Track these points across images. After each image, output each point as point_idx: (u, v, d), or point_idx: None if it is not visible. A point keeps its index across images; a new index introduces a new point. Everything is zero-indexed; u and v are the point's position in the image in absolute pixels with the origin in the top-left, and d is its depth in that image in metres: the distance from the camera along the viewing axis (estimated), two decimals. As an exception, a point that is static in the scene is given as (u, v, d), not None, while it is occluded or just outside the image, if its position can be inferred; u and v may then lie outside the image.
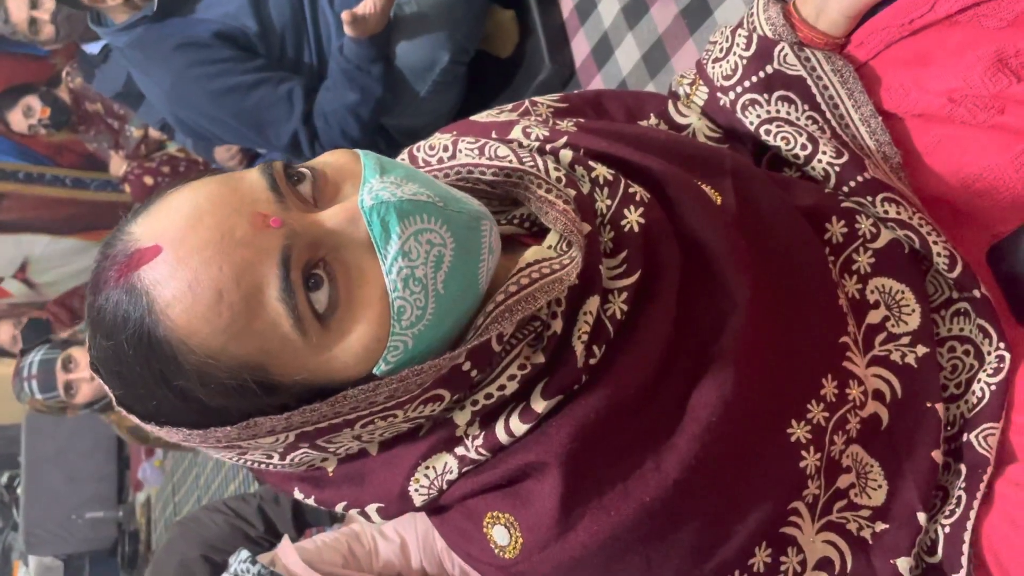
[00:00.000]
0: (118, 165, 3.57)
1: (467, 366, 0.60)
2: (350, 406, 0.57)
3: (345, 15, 1.69)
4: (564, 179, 0.69)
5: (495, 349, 0.61)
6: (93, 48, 2.88)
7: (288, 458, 0.62)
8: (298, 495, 0.68)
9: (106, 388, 0.57)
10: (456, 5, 1.80)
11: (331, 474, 0.66)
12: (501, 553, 0.64)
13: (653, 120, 0.86)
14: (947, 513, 0.71)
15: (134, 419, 0.57)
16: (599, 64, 1.72)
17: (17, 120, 3.52)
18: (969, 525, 0.69)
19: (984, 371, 0.74)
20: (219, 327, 0.52)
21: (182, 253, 0.52)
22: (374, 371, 0.57)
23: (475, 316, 0.61)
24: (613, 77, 1.68)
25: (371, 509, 0.66)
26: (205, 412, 0.56)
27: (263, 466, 0.64)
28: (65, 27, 2.68)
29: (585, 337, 0.63)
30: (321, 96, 1.87)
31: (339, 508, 0.67)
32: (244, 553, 1.37)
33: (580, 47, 1.78)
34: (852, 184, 0.77)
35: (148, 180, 3.39)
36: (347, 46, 1.78)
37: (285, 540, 1.45)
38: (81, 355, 2.73)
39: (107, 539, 4.54)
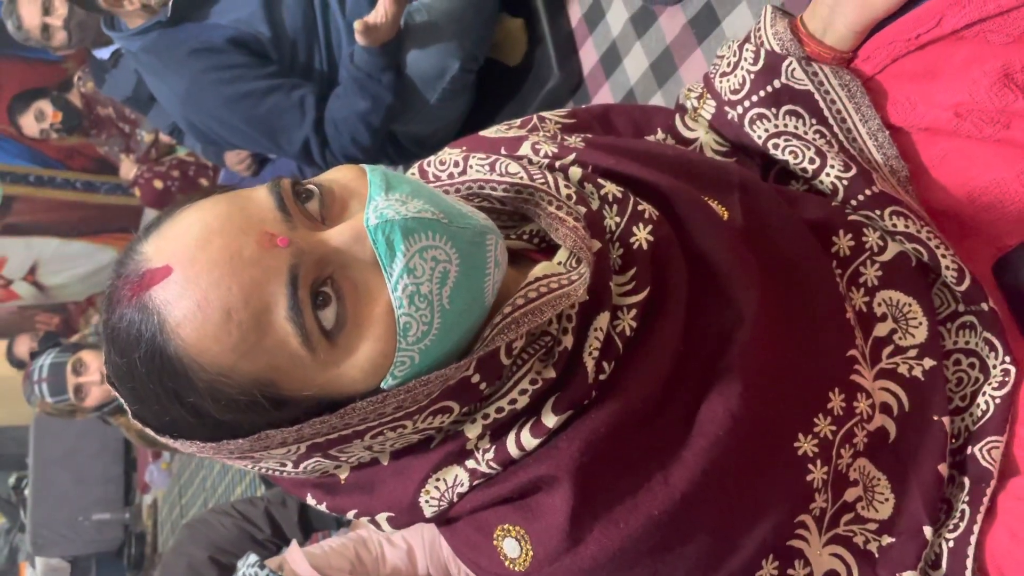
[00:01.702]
0: (128, 169, 3.59)
1: (476, 378, 0.61)
2: (359, 417, 0.58)
3: (357, 24, 1.70)
4: (574, 196, 0.69)
5: (504, 362, 0.62)
6: (104, 53, 2.90)
7: (301, 466, 0.63)
8: (311, 501, 0.69)
9: (122, 402, 0.58)
10: (466, 14, 1.81)
11: (343, 481, 0.67)
12: (511, 565, 0.65)
13: (661, 135, 0.87)
14: (951, 527, 0.71)
15: (149, 432, 0.59)
16: (607, 73, 1.73)
17: (29, 124, 3.54)
18: (973, 539, 0.69)
19: (989, 384, 0.74)
20: (229, 345, 0.53)
21: (191, 273, 0.53)
22: (381, 385, 0.58)
23: (482, 329, 0.61)
24: (621, 86, 1.69)
25: (381, 518, 0.67)
26: (217, 426, 0.57)
27: (277, 473, 0.65)
28: (77, 33, 2.69)
29: (596, 353, 0.64)
30: (331, 104, 1.88)
31: (350, 515, 0.68)
32: (252, 557, 1.38)
33: (588, 56, 1.79)
34: (860, 198, 0.77)
35: (158, 184, 3.40)
36: (358, 54, 1.79)
37: (294, 545, 1.46)
38: (91, 359, 2.75)
39: (114, 541, 4.56)
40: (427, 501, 0.65)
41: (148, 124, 3.39)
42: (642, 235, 0.69)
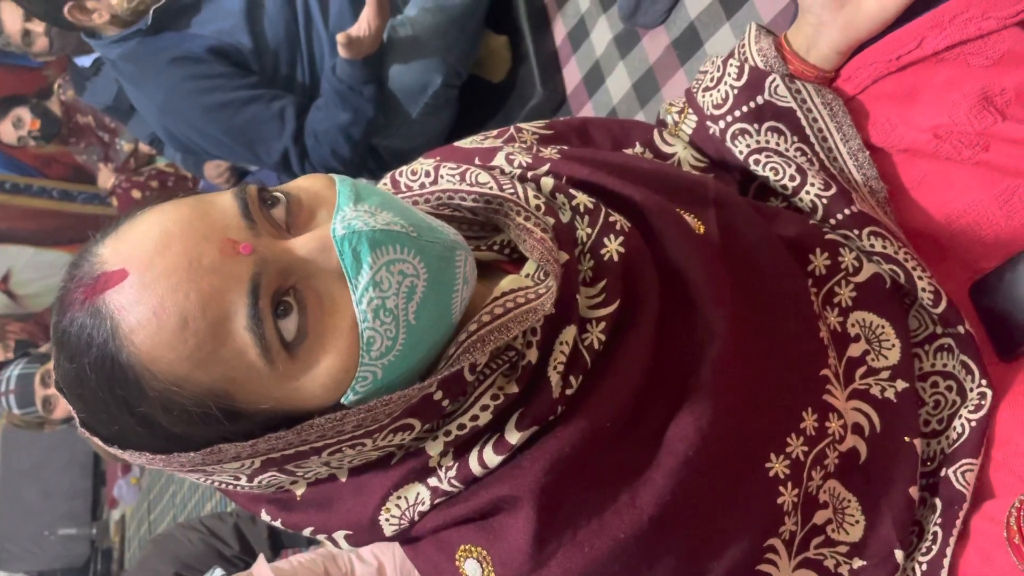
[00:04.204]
0: (106, 178, 3.57)
1: (438, 395, 0.59)
2: (317, 434, 0.56)
3: (340, 37, 1.70)
4: (543, 207, 0.68)
5: (467, 379, 0.60)
6: (85, 61, 2.89)
7: (255, 481, 0.60)
8: (265, 517, 0.67)
9: (71, 409, 0.56)
10: (450, 29, 1.82)
11: (299, 498, 0.65)
12: None
13: (638, 148, 0.86)
14: (923, 550, 0.70)
15: (97, 441, 0.56)
16: (590, 92, 1.74)
17: (7, 131, 3.51)
18: (946, 563, 0.68)
19: (966, 407, 0.73)
20: (184, 354, 0.51)
21: (149, 278, 0.51)
22: (342, 401, 0.56)
23: (447, 345, 0.60)
24: (604, 105, 1.70)
25: (339, 536, 0.65)
26: (168, 438, 0.55)
27: (230, 487, 0.62)
28: (59, 40, 2.68)
29: (561, 367, 0.63)
30: (312, 115, 1.88)
31: (306, 532, 0.66)
32: (218, 572, 1.36)
33: (572, 75, 1.80)
34: (839, 217, 0.77)
35: (136, 194, 3.38)
36: (340, 66, 1.79)
37: (260, 559, 1.43)
38: (61, 369, 2.71)
39: (80, 556, 4.50)
40: (387, 519, 0.63)
41: (128, 133, 3.37)
42: (613, 247, 0.68)
